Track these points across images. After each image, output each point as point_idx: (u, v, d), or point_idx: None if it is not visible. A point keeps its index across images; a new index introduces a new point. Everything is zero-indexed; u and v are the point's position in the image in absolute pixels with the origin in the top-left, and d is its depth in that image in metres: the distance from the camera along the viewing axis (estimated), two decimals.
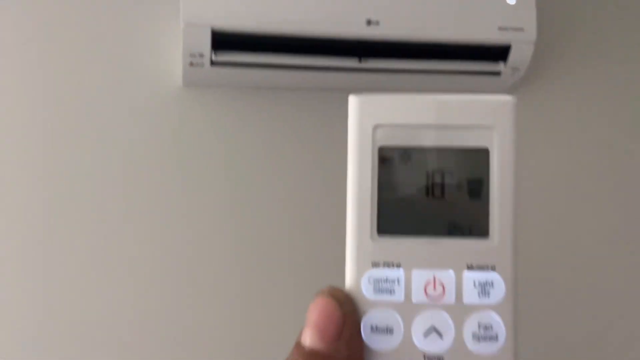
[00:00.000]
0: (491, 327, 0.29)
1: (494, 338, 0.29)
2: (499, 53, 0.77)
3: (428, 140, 0.31)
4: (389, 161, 0.31)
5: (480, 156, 0.30)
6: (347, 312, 0.29)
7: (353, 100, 0.31)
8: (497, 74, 0.80)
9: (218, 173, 0.80)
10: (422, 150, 0.31)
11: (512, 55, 0.77)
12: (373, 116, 0.31)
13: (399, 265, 0.30)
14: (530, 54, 0.77)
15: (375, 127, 0.31)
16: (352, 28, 0.73)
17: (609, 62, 0.88)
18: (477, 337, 0.29)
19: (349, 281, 0.30)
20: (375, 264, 0.30)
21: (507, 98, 0.30)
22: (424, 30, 0.74)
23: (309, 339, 0.28)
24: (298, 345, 0.29)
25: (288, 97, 0.82)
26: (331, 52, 0.75)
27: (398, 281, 0.30)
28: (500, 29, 0.74)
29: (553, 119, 0.86)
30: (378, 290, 0.30)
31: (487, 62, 0.79)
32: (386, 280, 0.30)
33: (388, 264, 0.30)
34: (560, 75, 0.86)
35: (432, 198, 0.31)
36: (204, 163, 0.80)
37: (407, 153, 0.31)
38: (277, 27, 0.72)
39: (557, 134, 0.85)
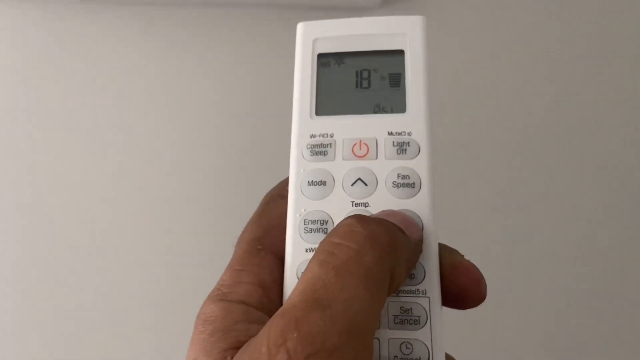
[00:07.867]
0: (408, 177, 0.35)
1: (411, 185, 0.35)
2: None
3: (357, 46, 0.39)
4: (326, 64, 0.39)
5: (398, 56, 0.38)
6: None
7: (300, 26, 0.40)
8: None
9: None
10: (352, 54, 0.39)
11: None
12: (314, 33, 0.39)
13: (332, 135, 0.36)
14: None
15: (315, 40, 0.39)
16: None
17: None
18: (396, 185, 0.35)
19: (293, 151, 0.37)
20: (313, 136, 0.37)
21: (419, 15, 0.39)
22: None
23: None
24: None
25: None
26: None
27: (330, 145, 0.36)
28: None
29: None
30: (315, 153, 0.36)
31: None
32: (321, 145, 0.36)
33: (323, 135, 0.37)
34: None
35: (360, 89, 0.38)
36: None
37: (340, 57, 0.39)
38: None
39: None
